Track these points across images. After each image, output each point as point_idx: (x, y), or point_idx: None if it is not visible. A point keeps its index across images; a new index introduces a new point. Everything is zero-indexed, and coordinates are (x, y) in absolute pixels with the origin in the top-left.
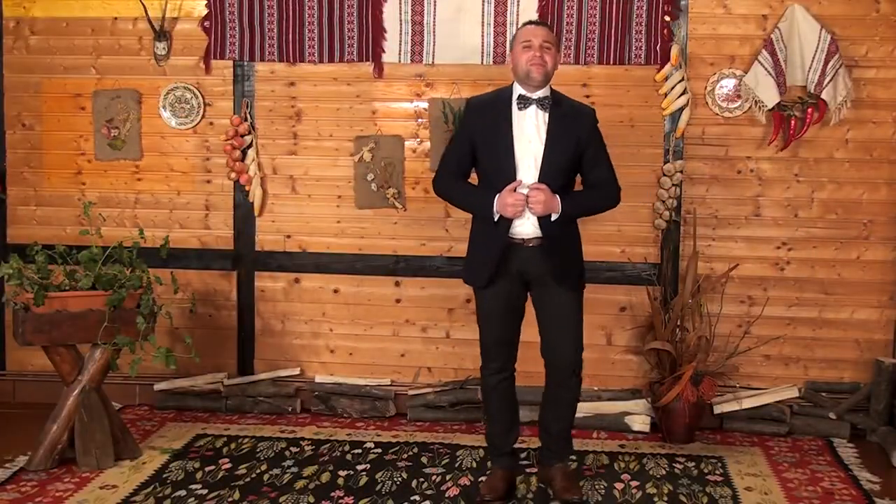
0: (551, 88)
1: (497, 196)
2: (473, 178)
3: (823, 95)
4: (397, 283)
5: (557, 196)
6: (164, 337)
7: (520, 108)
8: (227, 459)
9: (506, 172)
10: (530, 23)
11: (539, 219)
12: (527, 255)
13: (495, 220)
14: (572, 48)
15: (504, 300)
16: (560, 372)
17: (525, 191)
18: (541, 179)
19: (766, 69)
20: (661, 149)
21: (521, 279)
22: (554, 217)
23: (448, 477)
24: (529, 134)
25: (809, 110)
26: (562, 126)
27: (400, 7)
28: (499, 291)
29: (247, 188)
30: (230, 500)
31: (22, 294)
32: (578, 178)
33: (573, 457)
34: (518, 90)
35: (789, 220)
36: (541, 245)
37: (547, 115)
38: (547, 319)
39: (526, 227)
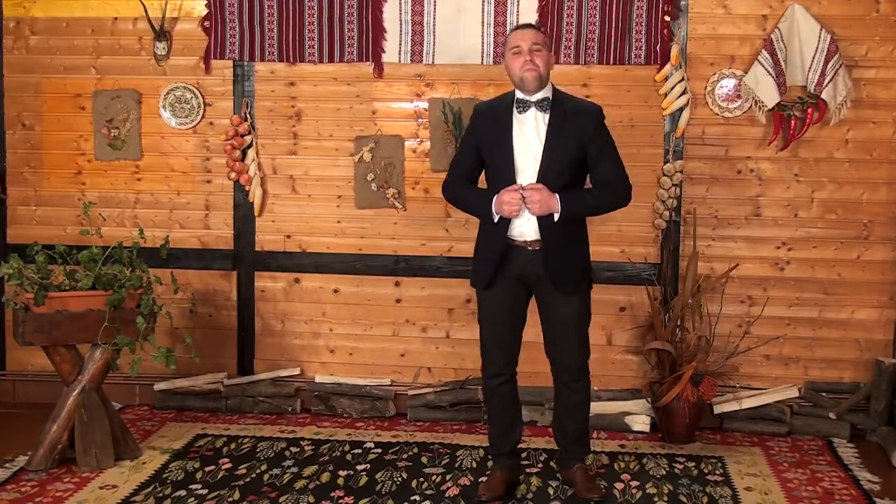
0: (554, 88)
1: (495, 196)
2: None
3: (823, 95)
4: (397, 283)
5: (557, 195)
6: (164, 337)
7: (519, 112)
8: (227, 459)
9: (506, 175)
10: (517, 27)
11: (539, 220)
12: (528, 259)
13: (495, 220)
14: (572, 48)
15: (505, 303)
16: (565, 374)
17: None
18: (539, 180)
19: (766, 69)
20: (661, 149)
21: (523, 283)
22: (555, 217)
23: (448, 477)
24: (529, 136)
25: (809, 110)
26: (562, 126)
27: (400, 7)
28: (499, 294)
29: (247, 188)
30: (230, 500)
31: (22, 294)
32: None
33: (589, 457)
34: (517, 94)
35: (789, 220)
36: (542, 248)
37: (547, 115)
38: (550, 323)
39: (526, 228)
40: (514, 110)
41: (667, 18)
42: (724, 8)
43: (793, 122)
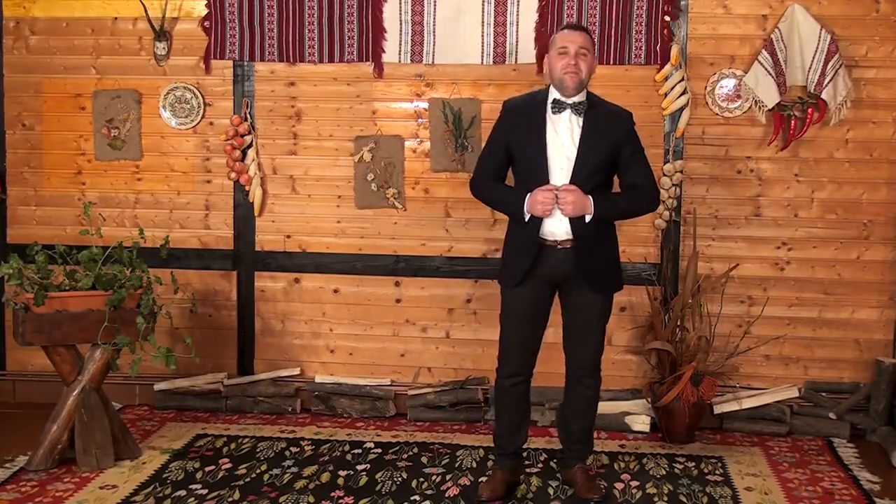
0: (588, 92)
1: (528, 195)
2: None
3: (823, 95)
4: (397, 283)
5: (590, 197)
6: (164, 337)
7: (554, 112)
8: (227, 459)
9: (539, 175)
10: (568, 27)
11: (571, 221)
12: (560, 258)
13: (526, 219)
14: None
15: (532, 302)
16: (580, 371)
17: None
18: (572, 182)
19: (766, 69)
20: (661, 149)
21: (551, 282)
22: (587, 218)
23: (448, 477)
24: (563, 137)
25: (809, 110)
26: (596, 130)
27: (400, 7)
28: (527, 293)
29: (247, 188)
30: (230, 500)
31: (22, 294)
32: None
33: (590, 457)
34: (553, 94)
35: (789, 220)
36: (573, 248)
37: (581, 119)
38: (572, 320)
39: (557, 228)
40: (549, 110)
41: (667, 18)
42: (724, 8)
43: (793, 122)
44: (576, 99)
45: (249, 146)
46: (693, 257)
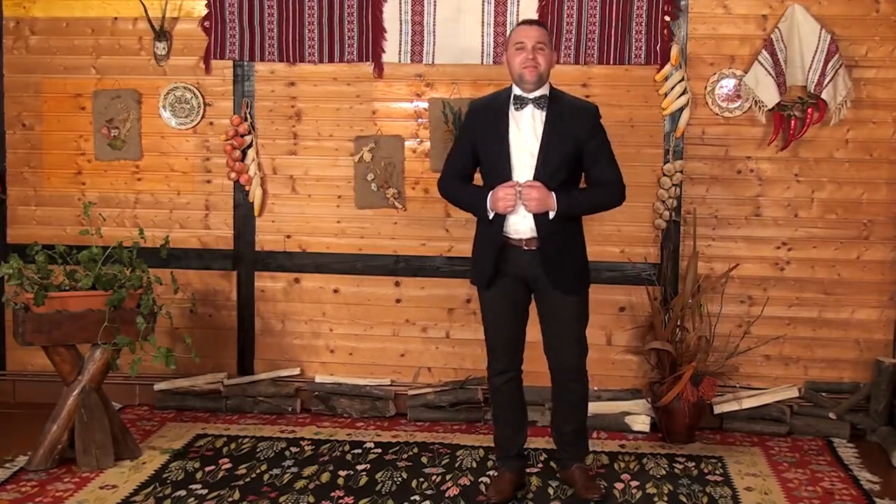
0: (551, 86)
1: (490, 192)
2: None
3: (823, 95)
4: (397, 283)
5: (553, 193)
6: (164, 337)
7: (516, 109)
8: (227, 459)
9: (502, 172)
10: (524, 23)
11: (535, 218)
12: (527, 259)
13: (490, 217)
14: (572, 48)
15: (506, 301)
16: (563, 374)
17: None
18: (536, 178)
19: (766, 69)
20: (661, 149)
21: (523, 282)
22: (551, 215)
23: (448, 477)
24: (525, 133)
25: (809, 110)
26: (559, 124)
27: (400, 7)
28: (501, 292)
29: (247, 188)
30: (230, 500)
31: (22, 294)
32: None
33: (587, 457)
34: (515, 90)
35: (789, 220)
36: (539, 249)
37: (544, 113)
38: (548, 322)
39: (522, 226)
40: (511, 107)
41: (667, 18)
42: (724, 8)
43: (793, 122)
44: (537, 93)
45: (249, 146)
46: (693, 257)
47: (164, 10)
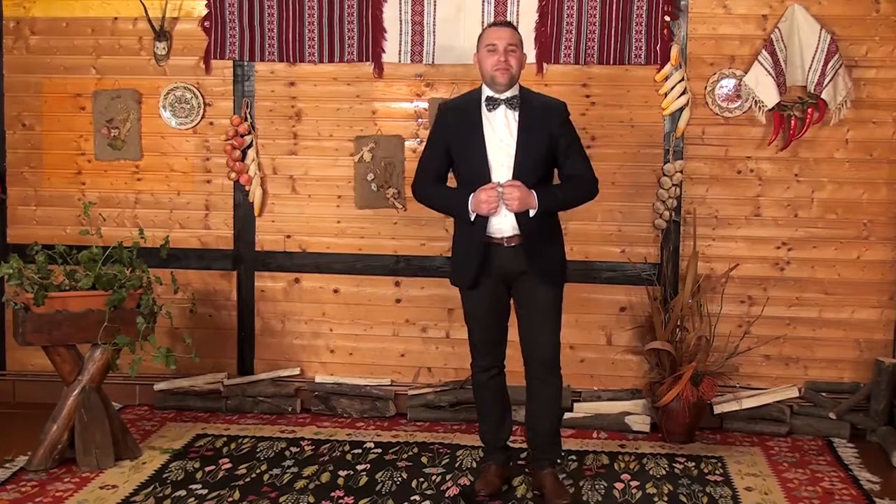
0: (520, 86)
1: (471, 195)
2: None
3: (823, 95)
4: (397, 283)
5: (533, 192)
6: (164, 337)
7: (489, 110)
8: (227, 459)
9: (480, 173)
10: (495, 24)
11: (517, 216)
12: (508, 255)
13: (472, 219)
14: (572, 48)
15: (488, 300)
16: (539, 368)
17: (500, 188)
18: (515, 177)
19: (766, 69)
20: (661, 149)
21: (504, 279)
22: (532, 213)
23: (448, 477)
24: (501, 133)
25: (809, 110)
26: (532, 123)
27: (400, 7)
28: (483, 292)
29: (247, 188)
30: (230, 500)
31: (22, 294)
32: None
33: (560, 460)
34: (486, 92)
35: (789, 220)
36: (521, 244)
37: (517, 113)
38: (527, 316)
39: (504, 225)
40: (484, 108)
41: (667, 18)
42: (724, 8)
43: (793, 122)
44: (508, 94)
45: (249, 146)
46: (693, 257)
47: (164, 10)
